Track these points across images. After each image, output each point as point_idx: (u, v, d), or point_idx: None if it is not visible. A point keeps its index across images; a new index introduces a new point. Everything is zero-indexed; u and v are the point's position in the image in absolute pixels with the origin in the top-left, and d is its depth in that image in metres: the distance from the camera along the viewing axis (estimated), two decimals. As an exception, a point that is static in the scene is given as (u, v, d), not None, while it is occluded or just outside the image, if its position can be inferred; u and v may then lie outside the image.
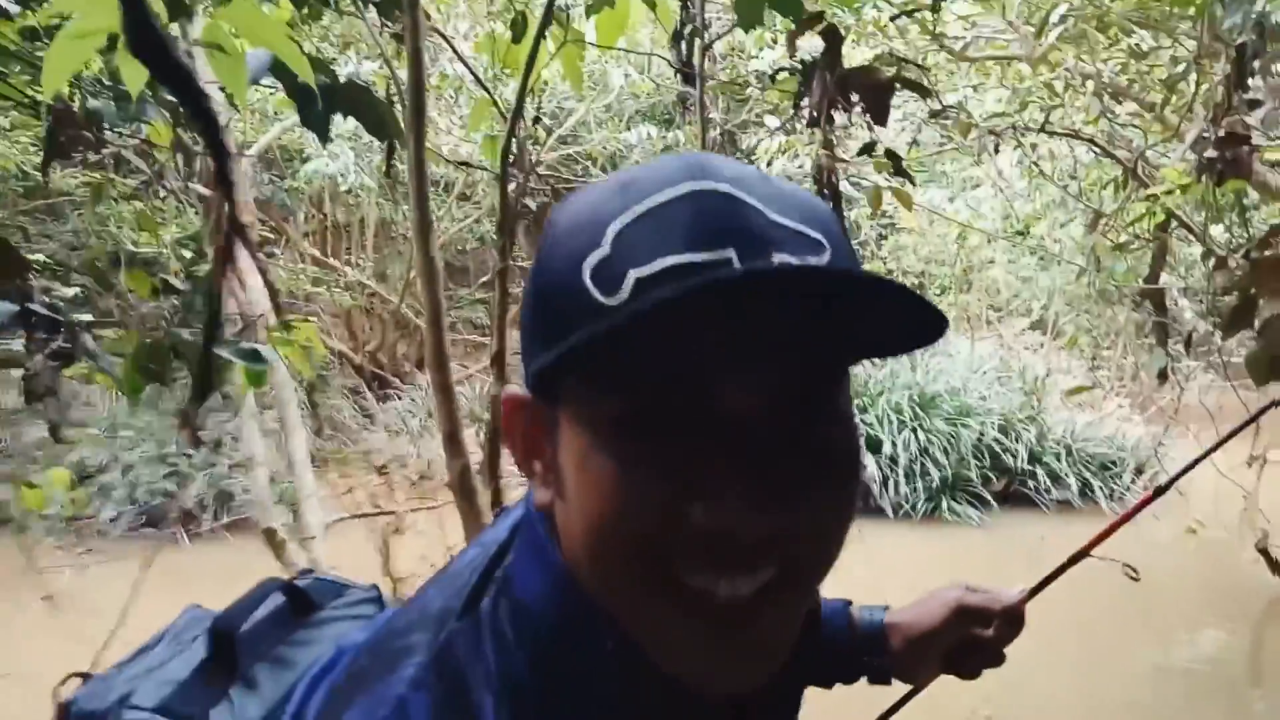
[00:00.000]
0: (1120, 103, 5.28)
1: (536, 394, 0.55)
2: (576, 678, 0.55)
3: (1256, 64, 3.36)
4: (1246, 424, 1.19)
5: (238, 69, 1.39)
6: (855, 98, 2.02)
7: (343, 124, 7.24)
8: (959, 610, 0.95)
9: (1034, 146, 5.96)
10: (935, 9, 4.47)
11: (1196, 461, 1.22)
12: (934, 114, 4.42)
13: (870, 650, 0.94)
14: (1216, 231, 5.30)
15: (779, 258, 0.47)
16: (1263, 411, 1.34)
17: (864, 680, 0.98)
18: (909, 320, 0.48)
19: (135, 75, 1.33)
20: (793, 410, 0.49)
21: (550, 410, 0.54)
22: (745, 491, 0.47)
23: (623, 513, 0.49)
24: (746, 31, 2.26)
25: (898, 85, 2.05)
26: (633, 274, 0.47)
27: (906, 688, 1.01)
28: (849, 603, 0.96)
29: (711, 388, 0.48)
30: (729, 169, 0.51)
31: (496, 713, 0.53)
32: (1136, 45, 4.93)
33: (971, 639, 0.95)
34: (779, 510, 0.47)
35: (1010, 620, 0.97)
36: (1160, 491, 1.24)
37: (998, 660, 0.97)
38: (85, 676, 0.83)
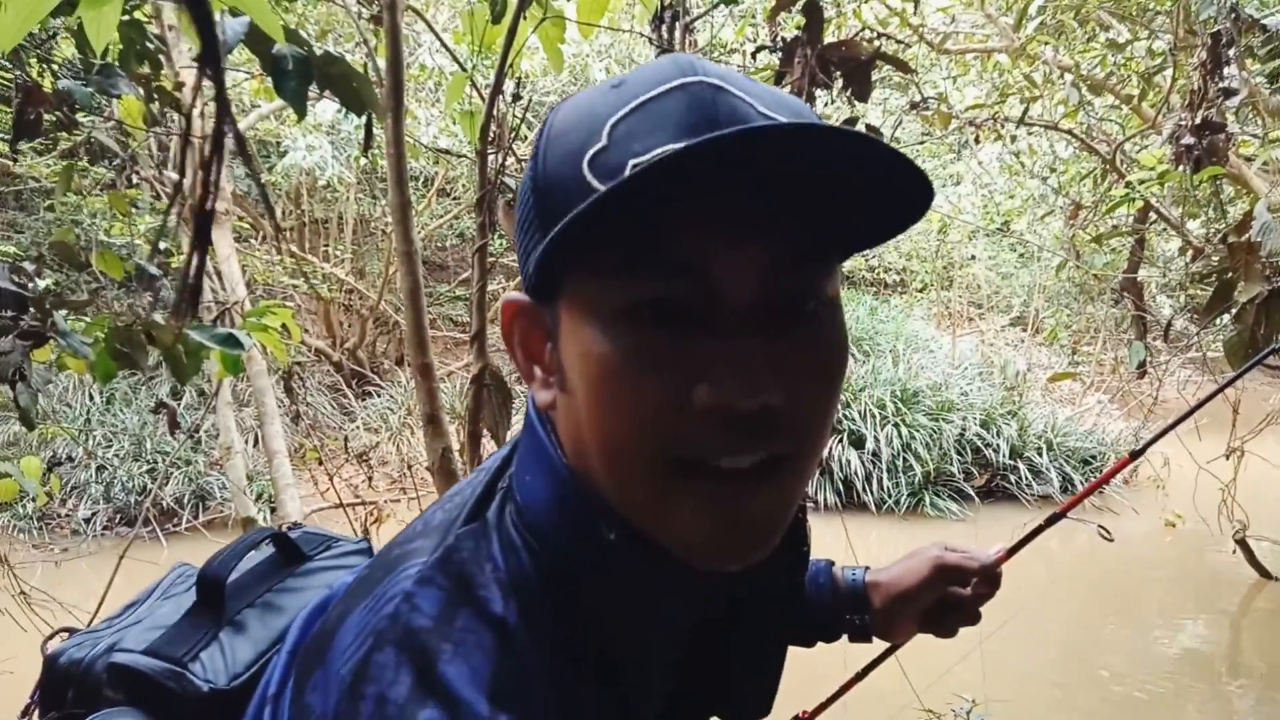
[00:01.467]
0: (1099, 95, 5.32)
1: (535, 293, 0.56)
2: (582, 572, 0.56)
3: (1231, 52, 3.40)
4: (1230, 384, 1.18)
5: None
6: (836, 74, 2.01)
7: (321, 115, 7.18)
8: (938, 568, 0.95)
9: (1013, 139, 6.00)
10: (915, 1, 4.50)
11: (1173, 426, 1.21)
12: (914, 105, 4.43)
13: (852, 608, 0.95)
14: (1194, 226, 5.35)
15: None
16: (1249, 369, 1.33)
17: (845, 640, 0.99)
18: (894, 195, 0.49)
19: (99, 29, 1.30)
20: (784, 288, 0.50)
21: (549, 310, 0.55)
22: (742, 371, 0.48)
23: (631, 398, 0.50)
24: (728, 6, 2.25)
25: (878, 63, 2.04)
26: (631, 162, 0.48)
27: (884, 646, 1.02)
28: (832, 563, 0.98)
29: (709, 269, 0.49)
30: (717, 69, 0.52)
31: (505, 607, 0.53)
32: (1114, 38, 4.97)
33: (949, 597, 0.96)
34: (773, 387, 0.49)
35: (987, 579, 0.97)
36: (1135, 455, 1.23)
37: (974, 618, 0.97)
38: (71, 631, 0.83)
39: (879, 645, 1.01)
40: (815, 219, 0.50)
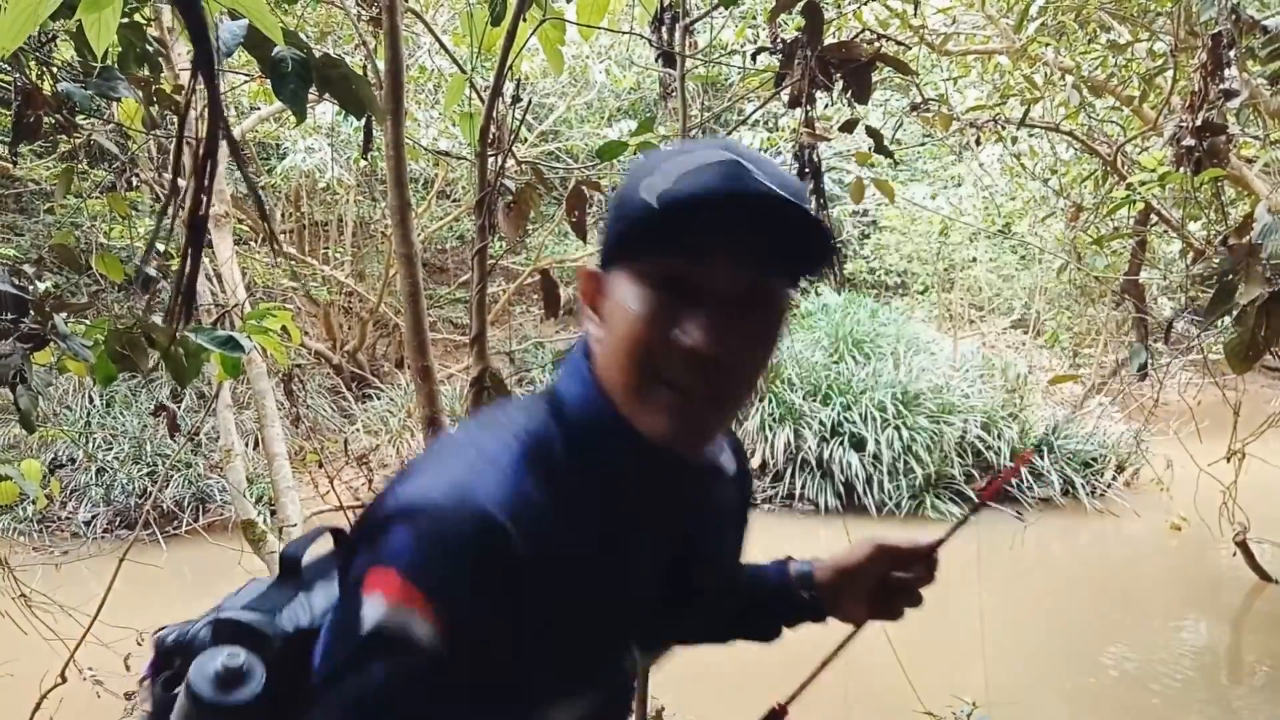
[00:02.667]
0: (1100, 97, 5.32)
1: (602, 266, 0.83)
2: (593, 447, 0.82)
3: (1232, 54, 3.39)
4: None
5: None
6: (836, 76, 2.00)
7: (321, 117, 7.19)
8: (878, 548, 1.09)
9: (1014, 140, 5.99)
10: (915, 2, 4.49)
11: (1086, 398, 1.19)
12: (914, 107, 4.43)
13: (803, 585, 1.12)
14: (1195, 228, 5.34)
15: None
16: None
17: (808, 633, 1.14)
18: (826, 250, 0.80)
19: (98, 32, 1.29)
20: (753, 295, 0.78)
21: (609, 278, 0.82)
22: (710, 330, 0.75)
23: (638, 329, 0.77)
24: (728, 8, 2.25)
25: (878, 65, 2.03)
26: (675, 193, 0.75)
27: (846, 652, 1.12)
28: (788, 558, 1.17)
29: (712, 267, 0.76)
30: (750, 152, 0.79)
31: (529, 457, 0.78)
32: (1114, 40, 4.96)
33: (892, 581, 1.09)
34: (726, 347, 0.76)
35: (926, 564, 1.09)
36: (1037, 448, 1.26)
37: (916, 600, 1.09)
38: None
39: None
40: (786, 258, 0.79)
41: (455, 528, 0.71)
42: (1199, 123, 3.48)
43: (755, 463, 8.39)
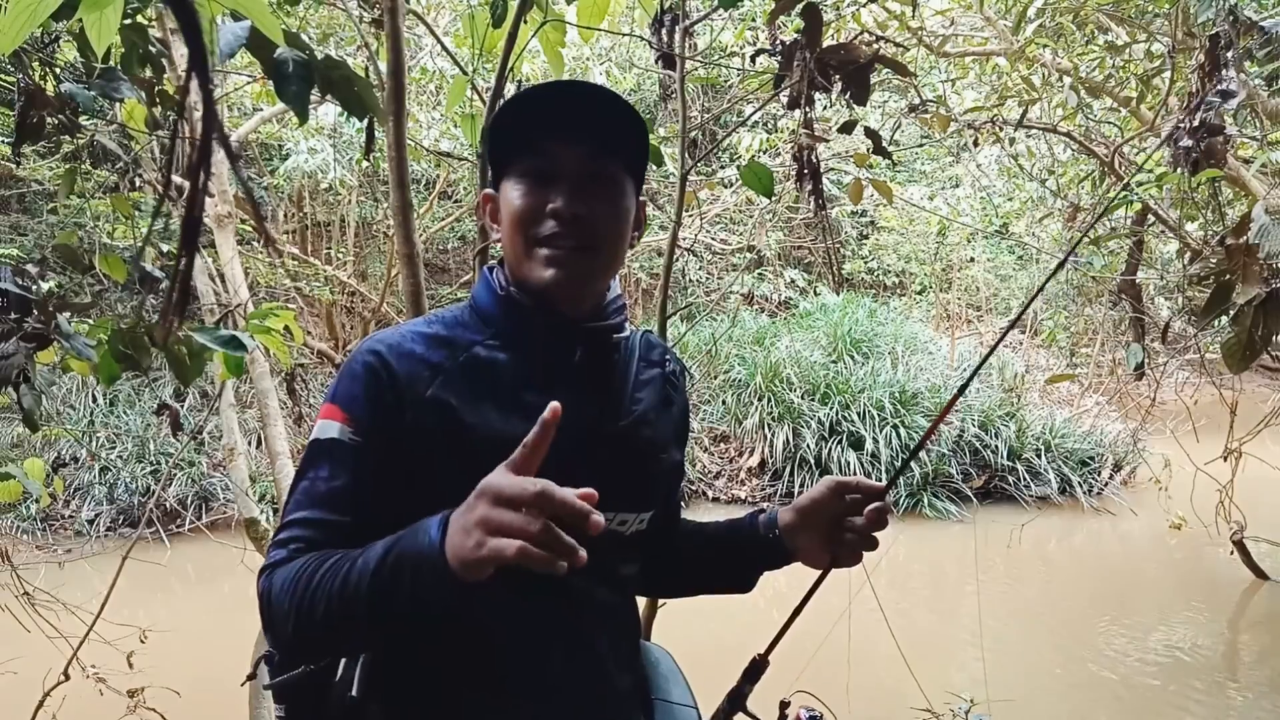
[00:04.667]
0: (1097, 98, 5.33)
1: (493, 186, 1.12)
2: (493, 310, 1.11)
3: (1230, 55, 3.40)
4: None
5: None
6: (835, 78, 2.02)
7: (323, 118, 7.20)
8: (834, 482, 1.15)
9: (1012, 141, 6.01)
10: (914, 3, 4.50)
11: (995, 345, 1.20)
12: (912, 108, 4.44)
13: (767, 527, 1.20)
14: (1192, 229, 5.36)
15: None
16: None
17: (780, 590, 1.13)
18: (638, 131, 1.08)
19: (100, 33, 1.31)
20: (590, 167, 1.05)
21: (495, 192, 1.11)
22: (565, 194, 1.03)
23: (518, 211, 1.05)
24: (728, 10, 2.27)
25: (877, 66, 2.05)
26: (528, 110, 1.05)
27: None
28: (760, 509, 1.28)
29: (553, 154, 1.05)
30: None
31: (439, 323, 1.11)
32: (1112, 41, 4.98)
33: (848, 523, 1.13)
34: (579, 207, 1.03)
35: (876, 506, 1.11)
36: (962, 390, 1.27)
37: (872, 543, 1.13)
38: None
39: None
40: (608, 136, 1.06)
41: (352, 360, 1.04)
42: (1196, 123, 3.49)
43: (754, 461, 8.42)
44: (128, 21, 2.05)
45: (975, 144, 5.52)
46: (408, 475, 1.00)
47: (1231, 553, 5.84)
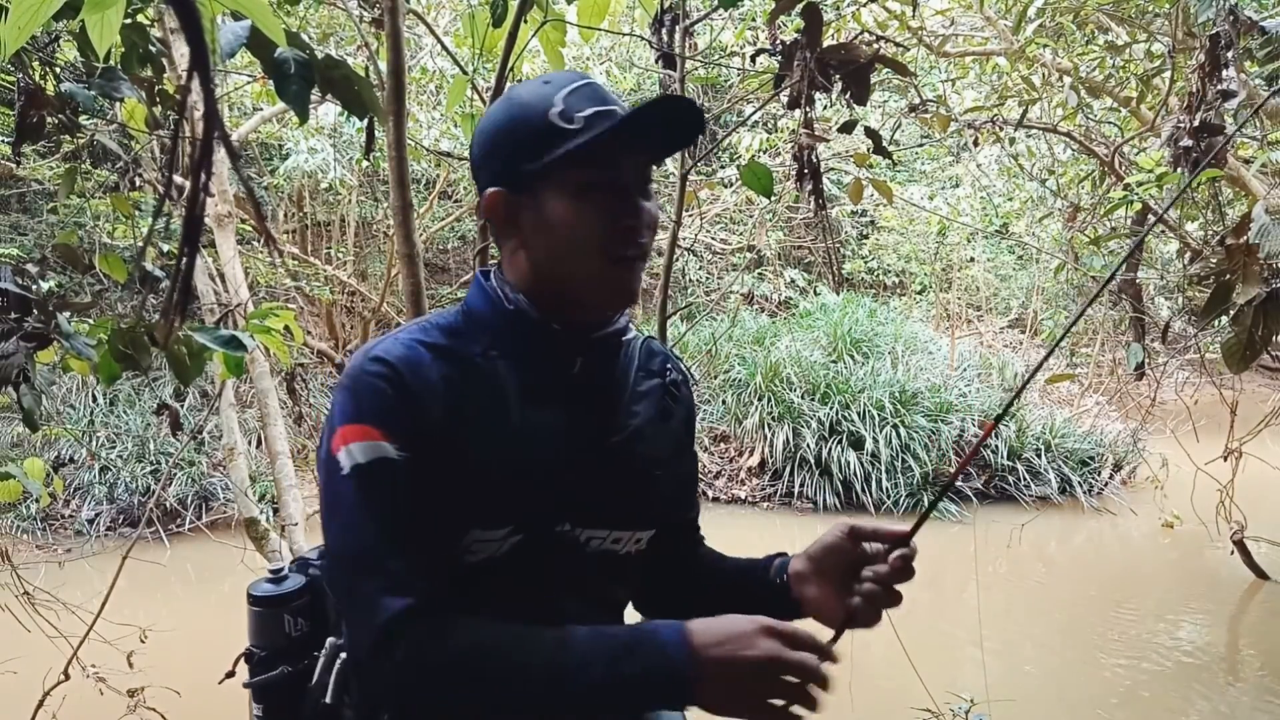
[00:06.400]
0: (1097, 97, 5.33)
1: (511, 188, 1.00)
2: (493, 323, 1.03)
3: (1230, 55, 3.40)
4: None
5: None
6: (835, 78, 2.02)
7: (323, 118, 7.20)
8: (849, 529, 1.04)
9: (1012, 141, 6.01)
10: (914, 3, 4.50)
11: (1033, 373, 1.17)
12: (913, 108, 4.44)
13: (779, 573, 1.11)
14: (1192, 228, 5.36)
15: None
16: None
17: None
18: (695, 126, 1.00)
19: (101, 33, 1.31)
20: (648, 179, 1.02)
21: (517, 197, 1.00)
22: (635, 211, 0.98)
23: (588, 228, 0.97)
24: (728, 9, 2.27)
25: (877, 66, 2.05)
26: (579, 114, 0.96)
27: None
28: (781, 553, 1.16)
29: (621, 168, 0.98)
30: (587, 75, 1.02)
31: (436, 331, 1.01)
32: (1112, 41, 4.98)
33: (867, 575, 1.00)
34: (646, 220, 1.00)
35: (902, 556, 1.00)
36: (999, 419, 1.20)
37: (895, 598, 1.00)
38: None
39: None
40: (665, 146, 1.03)
41: (360, 375, 0.95)
42: (1197, 123, 3.50)
43: (754, 461, 8.42)
44: (128, 21, 2.05)
45: (975, 144, 5.52)
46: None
47: (1232, 553, 5.84)
